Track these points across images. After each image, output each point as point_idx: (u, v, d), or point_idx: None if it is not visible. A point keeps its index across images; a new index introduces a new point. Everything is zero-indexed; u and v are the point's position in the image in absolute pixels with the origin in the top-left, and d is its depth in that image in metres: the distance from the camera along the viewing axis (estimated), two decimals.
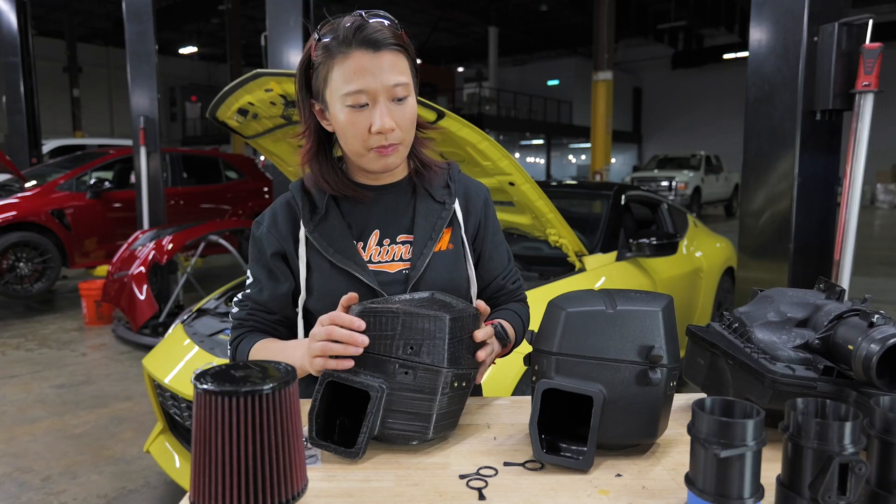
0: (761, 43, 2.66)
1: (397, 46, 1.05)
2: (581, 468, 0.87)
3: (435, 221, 1.18)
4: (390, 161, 1.10)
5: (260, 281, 1.20)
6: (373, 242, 1.17)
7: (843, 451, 0.66)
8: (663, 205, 4.21)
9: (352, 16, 1.06)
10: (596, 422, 0.86)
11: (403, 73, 1.06)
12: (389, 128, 1.05)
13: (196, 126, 26.96)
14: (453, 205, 1.20)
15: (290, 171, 3.47)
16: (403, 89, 1.05)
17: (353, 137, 1.07)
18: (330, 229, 1.15)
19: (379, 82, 1.03)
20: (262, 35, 5.25)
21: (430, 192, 1.20)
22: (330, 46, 1.05)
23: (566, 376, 0.89)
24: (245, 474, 0.68)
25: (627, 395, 0.87)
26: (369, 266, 1.15)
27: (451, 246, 1.19)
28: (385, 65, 1.03)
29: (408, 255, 1.17)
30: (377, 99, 1.04)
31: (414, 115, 1.10)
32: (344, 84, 1.04)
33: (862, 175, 2.51)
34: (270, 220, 1.20)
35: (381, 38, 1.03)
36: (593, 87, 15.40)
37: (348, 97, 1.04)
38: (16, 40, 8.03)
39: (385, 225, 1.18)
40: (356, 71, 1.03)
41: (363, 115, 1.05)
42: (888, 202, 18.67)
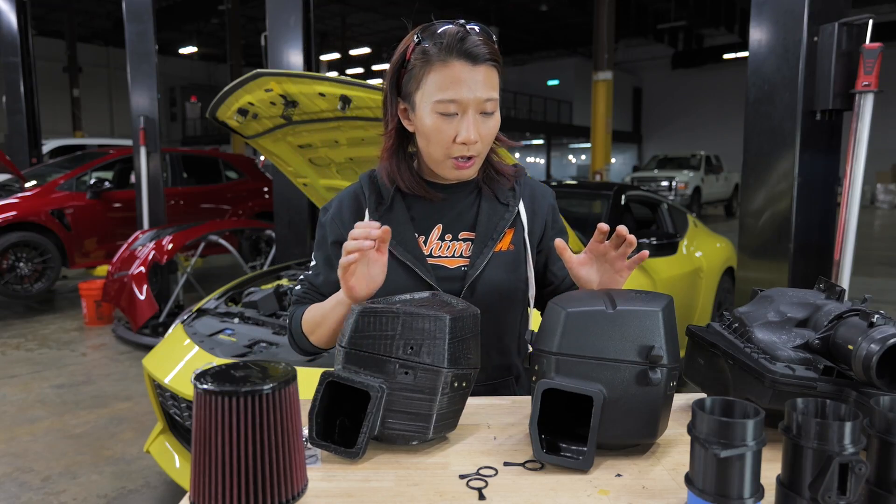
0: (761, 43, 2.66)
1: (494, 62, 1.08)
2: (581, 468, 0.87)
3: (498, 222, 1.20)
4: (465, 174, 1.14)
5: (318, 266, 1.25)
6: (435, 236, 1.20)
7: (843, 451, 0.66)
8: (663, 205, 4.21)
9: (455, 25, 1.08)
10: (596, 422, 0.86)
11: (495, 88, 1.09)
12: (474, 140, 1.08)
13: (196, 126, 26.97)
14: (517, 206, 1.23)
15: (290, 171, 3.47)
16: (492, 105, 1.09)
17: (437, 144, 1.10)
18: (393, 221, 1.18)
19: (472, 94, 1.06)
20: (262, 35, 5.25)
21: (495, 193, 1.22)
22: (430, 51, 1.07)
23: (566, 376, 0.89)
24: (245, 474, 0.68)
25: (627, 395, 0.87)
26: (429, 260, 1.17)
27: (512, 247, 1.21)
28: (480, 78, 1.06)
29: (468, 252, 1.19)
30: (467, 110, 1.07)
31: (496, 131, 1.13)
32: (438, 91, 1.06)
33: (862, 175, 2.51)
34: (336, 208, 1.24)
35: (480, 52, 1.06)
36: (593, 87, 15.40)
37: (440, 104, 1.07)
38: (16, 40, 8.02)
39: (449, 220, 1.20)
40: (453, 81, 1.06)
41: (451, 123, 1.08)
42: (888, 202, 18.66)
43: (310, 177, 3.40)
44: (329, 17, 21.63)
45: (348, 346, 0.93)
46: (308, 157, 3.26)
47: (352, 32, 23.78)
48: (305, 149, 3.19)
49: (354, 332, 0.92)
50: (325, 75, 2.57)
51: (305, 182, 3.49)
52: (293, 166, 3.38)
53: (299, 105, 2.70)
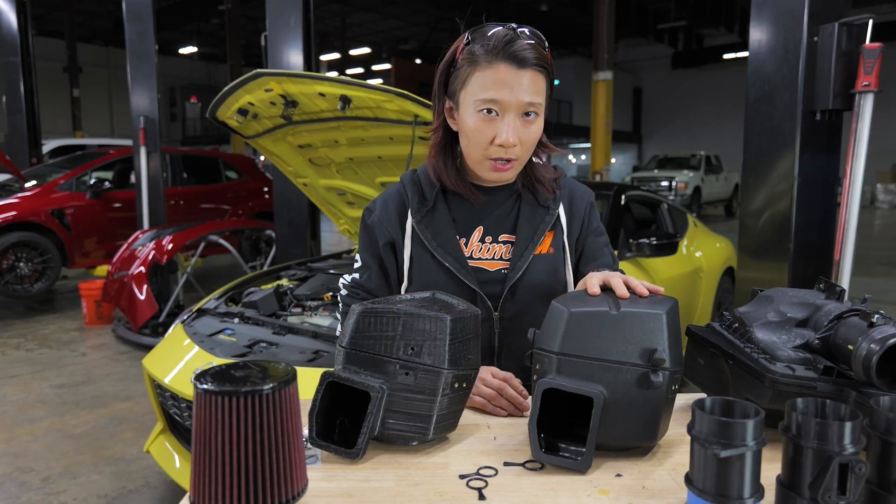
0: (761, 43, 2.66)
1: (541, 67, 1.08)
2: (579, 469, 0.87)
3: (538, 225, 1.20)
4: (504, 176, 1.14)
5: (370, 268, 1.25)
6: (475, 238, 1.20)
7: (843, 451, 0.66)
8: (663, 205, 4.21)
9: (505, 27, 1.08)
10: (595, 423, 0.86)
11: (540, 93, 1.09)
12: (512, 143, 1.08)
13: (196, 126, 26.96)
14: (557, 209, 1.23)
15: (290, 171, 3.47)
16: (536, 109, 1.09)
17: (476, 144, 1.11)
18: (436, 222, 1.19)
19: (514, 97, 1.06)
20: (262, 35, 5.26)
21: (535, 196, 1.23)
22: (477, 52, 1.08)
23: (567, 376, 0.89)
24: (245, 474, 0.68)
25: (628, 397, 0.87)
26: (470, 262, 1.18)
27: (551, 250, 1.22)
28: (525, 82, 1.06)
29: (508, 254, 1.19)
30: (508, 113, 1.07)
31: (538, 136, 1.13)
32: (480, 90, 1.07)
33: (862, 175, 2.51)
34: (382, 208, 1.24)
35: (527, 56, 1.06)
36: (593, 87, 15.40)
37: (481, 103, 1.07)
38: (16, 40, 8.02)
39: (489, 223, 1.21)
40: (496, 82, 1.06)
41: (491, 124, 1.08)
42: (888, 202, 18.66)
43: (310, 177, 3.40)
44: (329, 17, 21.62)
45: (349, 347, 0.92)
46: (308, 157, 3.26)
47: (352, 32, 23.77)
48: (305, 149, 3.19)
49: (355, 332, 0.92)
50: (325, 75, 2.57)
51: (305, 182, 3.49)
52: (293, 166, 3.38)
53: (299, 105, 2.70)
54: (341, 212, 3.66)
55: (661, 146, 26.55)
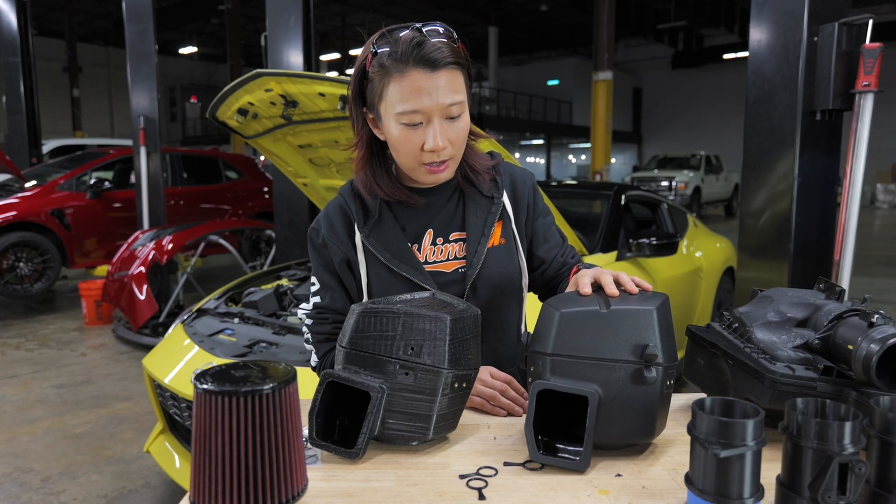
0: (761, 43, 2.66)
1: (455, 64, 1.05)
2: (578, 469, 0.87)
3: (486, 217, 1.19)
4: (441, 177, 1.12)
5: (331, 288, 1.21)
6: (427, 242, 1.18)
7: (843, 451, 0.66)
8: (663, 205, 4.21)
9: (410, 30, 1.04)
10: (592, 422, 0.86)
11: (459, 90, 1.06)
12: (442, 146, 1.06)
13: (196, 126, 26.95)
14: (502, 198, 1.21)
15: (290, 171, 3.47)
16: (458, 108, 1.06)
17: (406, 153, 1.08)
18: (385, 233, 1.16)
19: (434, 101, 1.03)
20: (262, 35, 5.25)
21: (477, 187, 1.21)
22: (386, 62, 1.04)
23: (562, 377, 0.89)
24: (245, 474, 0.68)
25: (623, 394, 0.87)
26: (426, 267, 1.16)
27: (503, 240, 1.20)
28: (441, 84, 1.03)
29: (462, 252, 1.18)
30: (431, 118, 1.05)
31: (466, 132, 1.11)
32: (399, 102, 1.04)
33: (862, 175, 2.51)
34: (327, 226, 1.20)
35: (439, 57, 1.02)
36: (593, 87, 15.40)
37: (403, 116, 1.04)
38: (16, 40, 8.02)
39: (438, 224, 1.19)
40: (412, 91, 1.03)
41: (416, 132, 1.06)
42: (888, 202, 18.66)
43: (310, 177, 3.40)
44: (329, 17, 21.64)
45: (349, 347, 0.93)
46: (308, 157, 3.26)
47: (352, 32, 23.78)
48: (305, 149, 3.19)
49: (355, 332, 0.92)
50: (325, 75, 2.57)
51: (305, 182, 3.49)
52: (293, 166, 3.38)
53: (299, 105, 2.70)
54: None
55: (661, 146, 26.55)
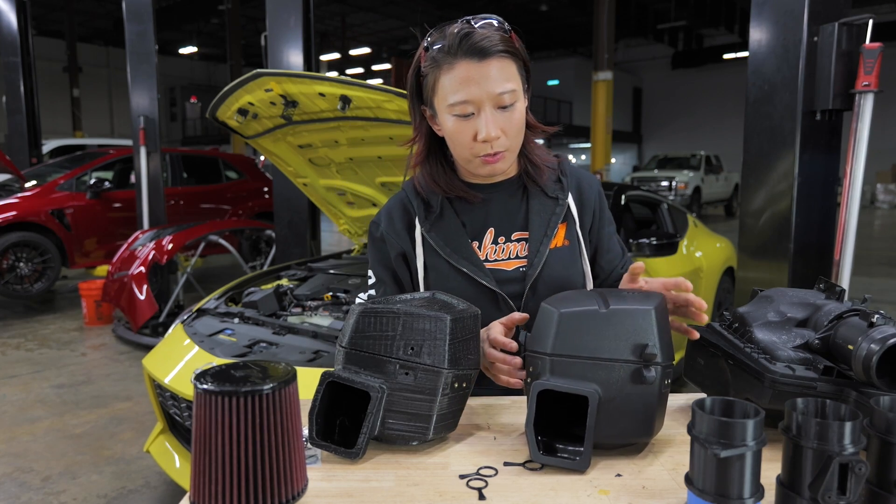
0: (761, 43, 2.66)
1: (505, 52, 1.04)
2: (578, 469, 0.87)
3: (549, 217, 1.18)
4: (497, 168, 1.11)
5: (384, 282, 1.22)
6: (488, 241, 1.18)
7: (843, 451, 0.66)
8: (663, 205, 4.21)
9: (459, 22, 1.05)
10: (592, 422, 0.86)
11: (511, 79, 1.05)
12: (494, 136, 1.05)
13: (196, 126, 26.96)
14: (567, 200, 1.20)
15: (290, 171, 3.47)
16: (510, 96, 1.05)
17: (460, 145, 1.09)
18: (445, 228, 1.17)
19: (484, 91, 1.03)
20: (262, 35, 5.25)
21: (542, 187, 1.20)
22: (436, 56, 1.06)
23: (561, 377, 0.89)
24: (245, 474, 0.68)
25: (623, 394, 0.87)
26: (486, 265, 1.16)
27: (566, 242, 1.19)
28: (491, 73, 1.03)
29: (524, 252, 1.17)
30: (482, 108, 1.04)
31: (521, 121, 1.10)
32: (450, 94, 1.05)
33: (862, 175, 2.51)
34: (387, 220, 1.21)
35: (487, 45, 1.02)
36: (593, 87, 15.40)
37: (454, 107, 1.05)
38: (16, 40, 8.02)
39: (499, 223, 1.19)
40: (461, 81, 1.03)
41: (469, 123, 1.06)
42: (888, 202, 18.65)
43: (310, 177, 3.40)
44: (329, 17, 21.63)
45: (349, 347, 0.92)
46: (308, 157, 3.26)
47: (352, 32, 23.78)
48: (305, 149, 3.19)
49: (355, 332, 0.92)
50: (325, 75, 2.57)
51: (305, 182, 3.49)
52: (293, 166, 3.38)
53: (299, 105, 2.70)
54: (341, 212, 3.66)
55: (661, 146, 26.55)
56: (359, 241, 3.88)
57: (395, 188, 3.21)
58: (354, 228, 3.77)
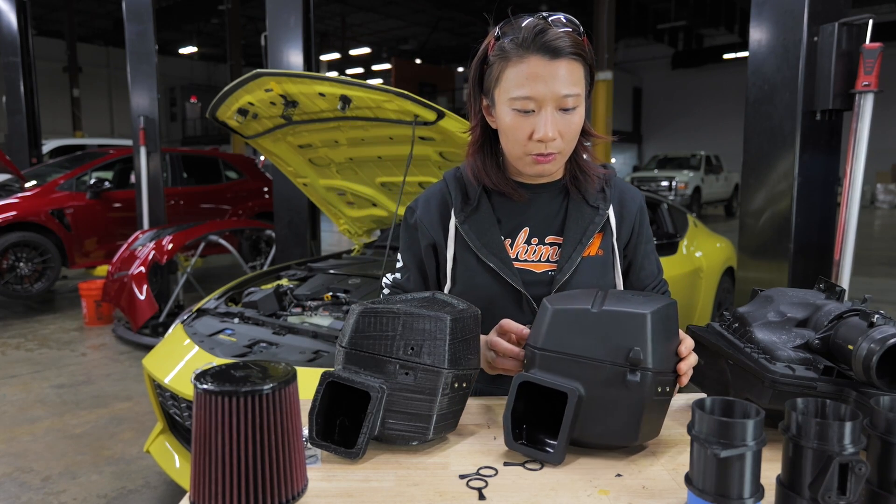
0: (761, 43, 2.66)
1: (576, 56, 1.03)
2: (551, 461, 0.88)
3: (587, 226, 1.16)
4: (547, 168, 1.10)
5: (409, 269, 1.23)
6: (521, 240, 1.17)
7: (843, 451, 0.66)
8: (663, 205, 4.21)
9: (535, 17, 1.04)
10: (569, 418, 0.87)
11: (577, 83, 1.04)
12: (551, 138, 1.04)
13: (196, 126, 26.95)
14: (607, 210, 1.18)
15: (290, 171, 3.47)
16: (574, 100, 1.04)
17: (514, 141, 1.08)
18: (479, 222, 1.16)
19: (550, 90, 1.02)
20: (262, 35, 5.25)
21: (584, 195, 1.18)
22: (507, 47, 1.04)
23: (548, 371, 0.90)
24: (245, 474, 0.68)
25: (607, 395, 0.87)
26: (515, 264, 1.15)
27: (600, 252, 1.17)
28: (560, 73, 1.02)
29: (555, 256, 1.16)
30: (544, 107, 1.03)
31: (579, 127, 1.08)
32: (515, 87, 1.03)
33: (862, 175, 2.51)
34: (423, 207, 1.21)
35: (561, 45, 1.01)
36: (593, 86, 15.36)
37: (516, 101, 1.04)
38: (16, 40, 8.02)
39: (535, 224, 1.18)
40: (529, 76, 1.02)
41: (527, 120, 1.05)
42: (888, 202, 18.65)
43: (310, 177, 3.40)
44: (329, 17, 21.62)
45: (349, 347, 0.92)
46: (308, 157, 3.26)
47: (352, 32, 23.77)
48: (305, 149, 3.19)
49: (355, 332, 0.92)
50: (325, 75, 2.57)
51: (305, 182, 3.50)
52: (293, 166, 3.38)
53: (299, 105, 2.70)
54: (341, 212, 3.66)
55: (661, 146, 26.53)
56: (359, 241, 3.88)
57: (395, 188, 3.21)
58: (354, 228, 3.77)
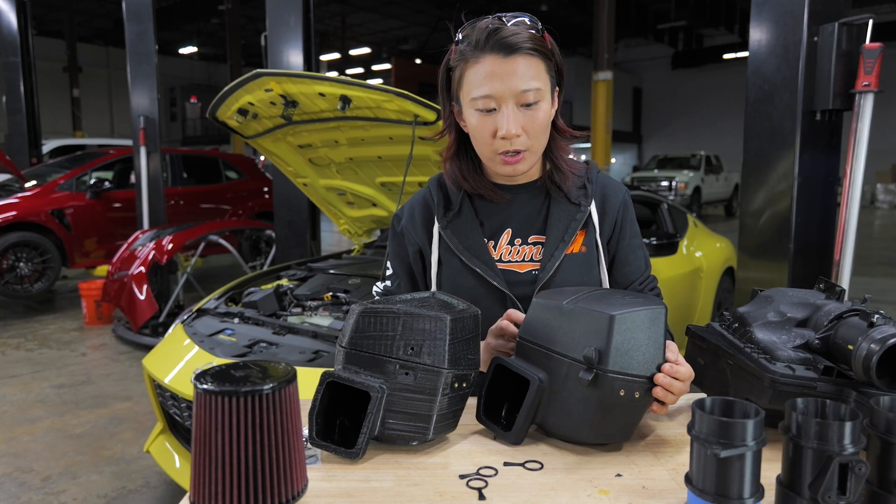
0: (761, 43, 2.66)
1: (533, 51, 1.03)
2: (507, 441, 0.94)
3: (568, 223, 1.16)
4: (518, 168, 1.10)
5: (399, 276, 1.25)
6: (504, 241, 1.18)
7: (843, 451, 0.66)
8: (663, 205, 4.21)
9: (491, 18, 1.05)
10: (528, 403, 0.91)
11: (536, 77, 1.04)
12: (514, 134, 1.04)
13: (196, 126, 26.94)
14: (589, 206, 1.18)
15: (290, 171, 3.47)
16: (534, 94, 1.04)
17: (481, 141, 1.09)
18: (462, 226, 1.17)
19: (507, 87, 1.02)
20: (262, 35, 5.26)
21: (565, 193, 1.18)
22: (465, 50, 1.06)
23: (524, 360, 0.96)
24: (245, 474, 0.68)
25: (567, 389, 0.90)
26: (499, 265, 1.16)
27: (583, 249, 1.17)
28: (517, 69, 1.02)
29: (538, 255, 1.16)
30: (505, 104, 1.04)
31: (545, 121, 1.08)
32: (475, 88, 1.05)
33: (862, 175, 2.52)
34: (408, 214, 1.23)
35: (515, 41, 1.02)
36: (593, 87, 15.40)
37: (477, 101, 1.05)
38: (16, 40, 8.02)
39: (518, 224, 1.18)
40: (486, 75, 1.03)
41: (490, 118, 1.05)
42: (888, 202, 18.65)
43: (310, 177, 3.40)
44: (329, 17, 21.62)
45: (349, 347, 0.92)
46: (308, 157, 3.27)
47: (352, 32, 23.76)
48: (305, 149, 3.19)
49: (355, 332, 0.92)
50: (325, 75, 2.57)
51: (305, 182, 3.50)
52: (293, 166, 3.38)
53: (299, 105, 2.70)
54: (341, 212, 3.66)
55: (661, 146, 26.54)
56: (359, 241, 3.88)
57: (395, 188, 3.21)
58: (354, 228, 3.77)
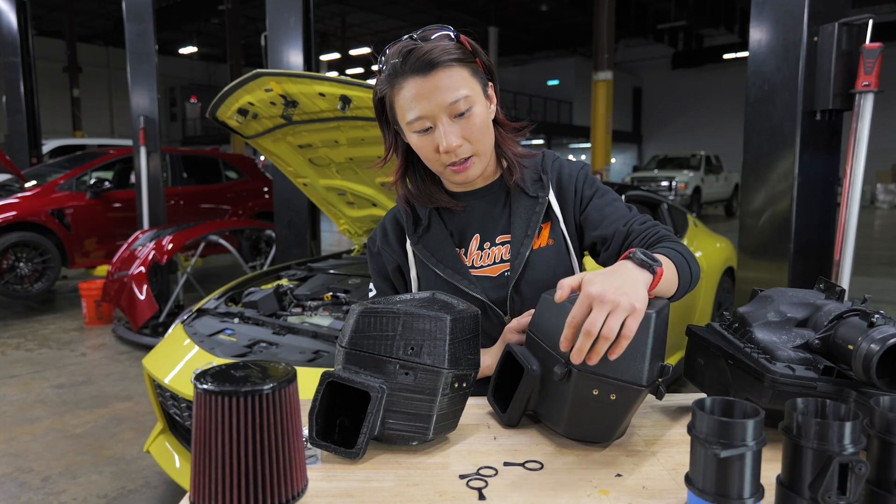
0: (761, 43, 2.66)
1: (451, 61, 1.03)
2: (501, 422, 1.00)
3: (529, 218, 1.16)
4: (470, 174, 1.11)
5: (385, 293, 1.26)
6: (474, 247, 1.19)
7: (843, 451, 0.66)
8: (663, 205, 4.21)
9: (402, 41, 1.05)
10: (521, 389, 0.96)
11: (462, 85, 1.04)
12: (456, 145, 1.05)
13: (196, 126, 26.96)
14: (547, 196, 1.17)
15: (290, 171, 3.47)
16: (464, 102, 1.04)
17: (427, 159, 1.10)
18: (433, 240, 1.18)
19: (435, 104, 1.03)
20: (262, 35, 5.26)
21: (522, 187, 1.18)
22: (387, 79, 1.07)
23: (529, 350, 0.99)
24: (245, 474, 0.68)
25: (552, 382, 0.93)
26: (473, 272, 1.17)
27: (551, 241, 1.17)
28: (440, 85, 1.03)
29: (507, 255, 1.16)
30: (438, 120, 1.04)
31: (483, 125, 1.08)
32: (406, 112, 1.06)
33: (862, 175, 2.52)
34: (382, 237, 1.25)
35: (430, 58, 1.02)
36: (593, 87, 15.41)
37: (412, 124, 1.06)
38: (16, 40, 8.02)
39: (483, 228, 1.19)
40: (412, 98, 1.04)
41: (429, 137, 1.06)
42: (888, 202, 18.65)
43: (310, 177, 3.40)
44: (329, 17, 21.63)
45: (349, 347, 0.92)
46: (308, 157, 3.26)
47: (352, 32, 23.77)
48: (305, 149, 3.19)
49: (355, 332, 0.92)
50: (325, 75, 2.57)
51: (305, 182, 3.49)
52: (293, 166, 3.37)
53: (299, 105, 2.70)
54: (341, 212, 3.66)
55: (661, 146, 26.55)
56: (359, 241, 3.88)
57: (395, 188, 3.21)
58: (354, 228, 3.77)
